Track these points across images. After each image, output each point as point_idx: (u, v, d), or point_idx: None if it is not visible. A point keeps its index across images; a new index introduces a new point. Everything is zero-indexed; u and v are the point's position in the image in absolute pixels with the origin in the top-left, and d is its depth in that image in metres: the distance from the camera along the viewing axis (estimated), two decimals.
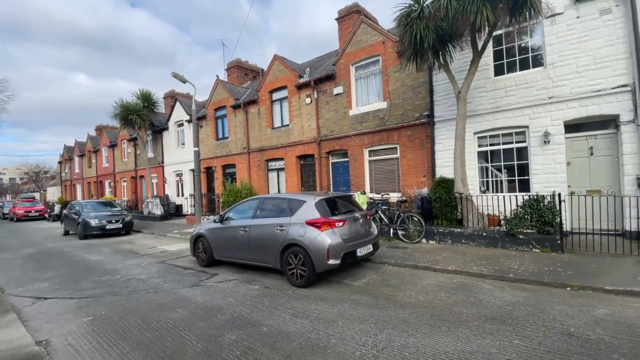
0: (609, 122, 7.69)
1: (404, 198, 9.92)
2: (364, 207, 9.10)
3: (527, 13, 6.50)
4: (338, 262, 5.50)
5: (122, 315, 4.66)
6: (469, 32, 7.35)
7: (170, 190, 20.75)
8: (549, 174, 8.11)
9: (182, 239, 11.56)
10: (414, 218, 8.34)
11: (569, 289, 4.93)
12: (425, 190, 9.32)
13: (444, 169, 9.53)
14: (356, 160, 11.78)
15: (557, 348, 3.25)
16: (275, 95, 14.83)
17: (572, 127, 8.05)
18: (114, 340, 3.89)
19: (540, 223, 6.75)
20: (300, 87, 13.53)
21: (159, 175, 21.62)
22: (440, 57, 8.04)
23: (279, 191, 14.75)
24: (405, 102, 10.58)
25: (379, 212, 9.01)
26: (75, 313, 4.87)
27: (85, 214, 13.35)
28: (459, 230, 7.79)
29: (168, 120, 20.72)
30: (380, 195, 9.84)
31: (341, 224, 5.76)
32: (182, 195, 20.00)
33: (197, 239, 7.57)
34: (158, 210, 18.27)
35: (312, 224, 5.62)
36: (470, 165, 9.20)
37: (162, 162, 21.34)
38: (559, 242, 6.55)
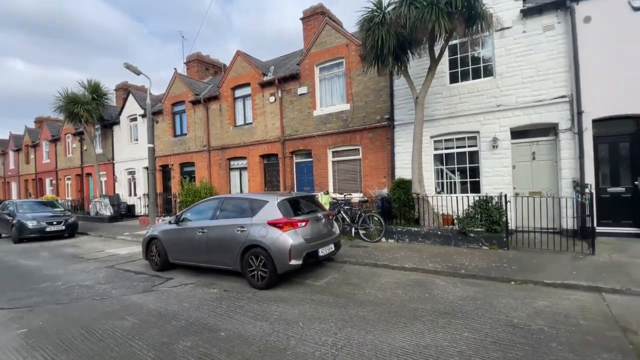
0: (550, 130, 8.45)
1: (366, 198, 10.16)
2: (327, 207, 9.18)
3: (480, 25, 6.94)
4: (300, 262, 5.48)
5: (63, 326, 4.25)
6: (427, 40, 7.70)
7: (122, 190, 19.40)
8: (497, 177, 8.73)
9: (134, 242, 10.86)
10: (375, 218, 8.56)
11: (513, 283, 5.33)
12: (385, 191, 9.61)
13: (403, 170, 9.89)
14: (320, 161, 11.84)
15: (502, 339, 3.50)
16: (238, 92, 14.46)
17: (517, 133, 8.74)
18: (52, 354, 3.54)
19: (488, 222, 7.25)
20: (264, 85, 13.32)
21: (109, 173, 20.12)
22: (401, 63, 8.33)
23: (241, 191, 14.40)
24: (368, 105, 10.84)
25: (342, 212, 9.13)
26: (6, 325, 4.36)
27: (21, 214, 12.05)
28: (416, 229, 8.12)
29: (120, 114, 19.36)
30: (342, 196, 9.99)
31: (304, 224, 5.75)
32: (135, 194, 18.78)
33: (150, 241, 7.15)
34: (107, 211, 16.99)
35: (274, 224, 5.54)
36: (426, 167, 9.64)
37: (113, 158, 19.89)
38: (505, 240, 7.08)
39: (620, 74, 7.32)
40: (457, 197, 8.54)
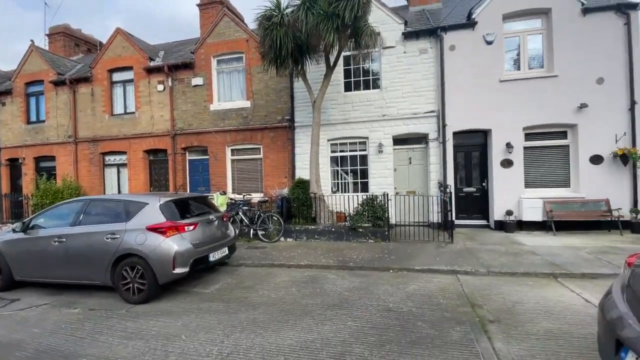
0: (422, 139, 9.87)
1: (266, 198, 10.03)
2: (224, 208, 8.70)
3: (365, 41, 7.59)
4: (186, 270, 5.00)
5: None
6: (323, 48, 8.05)
7: None
8: (381, 178, 9.75)
9: None
10: (274, 217, 8.51)
11: (391, 271, 5.98)
12: (286, 191, 9.67)
13: (303, 170, 10.13)
14: (217, 159, 11.16)
15: (379, 323, 3.86)
16: (117, 76, 12.48)
17: (398, 140, 9.93)
18: None
19: (374, 218, 8.01)
20: (151, 71, 11.83)
21: None
22: (299, 66, 8.51)
23: (119, 192, 12.45)
24: (269, 104, 10.74)
25: (240, 213, 8.79)
26: None
27: None
28: (313, 227, 8.40)
29: None
30: (241, 196, 9.62)
31: (192, 227, 5.27)
32: None
33: None
34: None
35: (155, 229, 4.91)
36: (323, 169, 10.11)
37: None
38: (387, 233, 7.93)
39: (474, 95, 9.05)
40: (349, 196, 9.18)
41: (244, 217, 8.70)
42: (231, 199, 9.34)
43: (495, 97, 8.94)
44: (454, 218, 7.92)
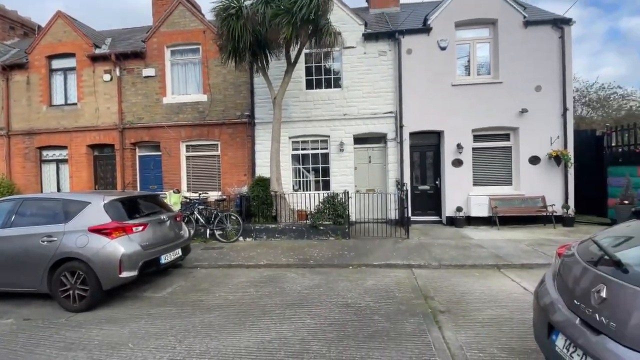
0: (381, 139, 10.15)
1: (224, 197, 9.69)
2: (177, 207, 8.27)
3: (326, 39, 7.62)
4: (135, 273, 4.67)
5: None
6: (284, 44, 7.95)
7: None
8: (342, 176, 9.88)
9: None
10: (232, 217, 8.26)
11: (351, 267, 6.08)
12: (245, 189, 9.43)
13: (264, 168, 9.94)
14: (171, 155, 10.57)
15: (338, 319, 3.90)
16: (57, 63, 11.34)
17: (358, 139, 10.12)
18: None
19: (335, 216, 8.10)
20: (96, 59, 10.89)
21: None
22: (259, 61, 8.32)
23: (58, 190, 11.34)
24: (227, 99, 10.38)
25: (195, 212, 8.40)
26: None
27: None
28: (273, 226, 8.29)
29: None
30: (197, 195, 9.19)
31: (141, 228, 4.93)
32: None
33: None
34: None
35: (98, 230, 4.52)
36: (285, 167, 10.00)
37: None
38: (347, 230, 8.06)
39: (429, 98, 9.48)
40: (310, 194, 9.17)
41: (199, 217, 8.34)
42: (186, 197, 8.89)
43: (447, 100, 9.44)
44: (410, 215, 8.25)
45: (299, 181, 10.42)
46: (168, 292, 5.13)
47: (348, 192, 8.20)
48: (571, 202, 9.08)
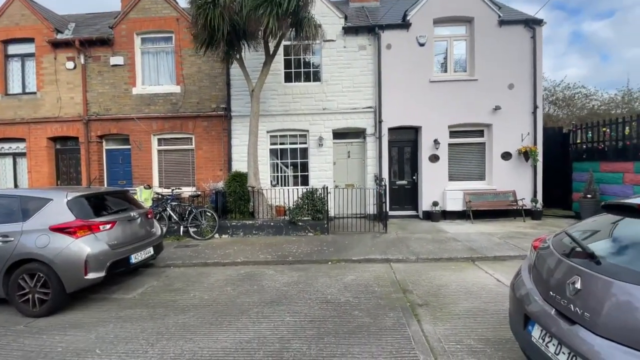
0: (360, 134, 10.15)
1: (199, 193, 9.35)
2: (149, 204, 7.89)
3: (306, 31, 7.47)
4: (102, 274, 4.40)
5: None
6: (262, 35, 7.72)
7: None
8: (321, 171, 9.82)
9: None
10: (207, 213, 7.99)
11: (330, 263, 6.05)
12: (221, 184, 9.15)
13: (240, 163, 9.70)
14: (141, 149, 10.08)
15: (318, 315, 3.84)
16: (14, 49, 10.48)
17: (337, 134, 10.07)
18: None
19: (314, 211, 8.03)
20: (58, 45, 10.14)
21: None
22: (236, 51, 8.04)
23: (16, 186, 10.54)
24: (202, 91, 10.00)
25: (168, 209, 8.06)
26: None
27: None
28: (250, 222, 8.10)
29: None
30: (170, 190, 8.80)
31: (108, 226, 4.65)
32: None
33: None
34: None
35: (61, 229, 4.21)
36: (263, 161, 9.81)
37: None
38: (326, 226, 8.02)
39: (408, 93, 9.56)
40: (288, 189, 9.04)
41: (172, 214, 8.01)
42: (158, 193, 8.50)
43: (425, 96, 9.57)
44: (388, 210, 8.33)
45: (277, 176, 10.26)
46: (139, 293, 4.89)
47: (327, 188, 8.15)
48: (539, 196, 9.50)
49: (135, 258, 4.99)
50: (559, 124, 13.97)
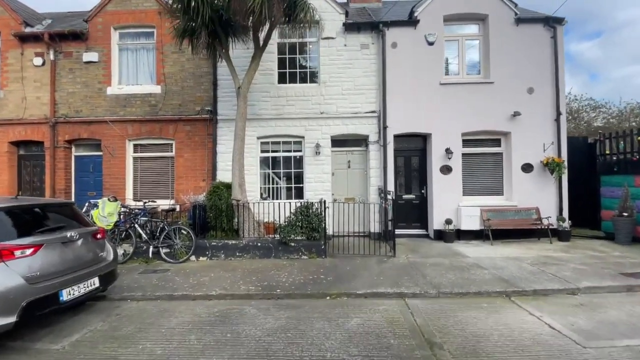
0: (362, 141, 9.04)
1: (174, 206, 8.11)
2: (113, 219, 6.63)
3: (300, 16, 6.43)
4: (12, 320, 3.17)
5: None
6: (251, 23, 6.67)
7: None
8: (318, 183, 8.64)
9: None
10: (182, 231, 6.74)
11: (329, 298, 4.80)
12: (202, 197, 7.91)
13: (227, 172, 8.48)
14: (114, 156, 8.86)
15: None
16: None
17: (337, 142, 8.96)
18: None
19: (308, 229, 6.80)
20: (25, 39, 9.06)
21: None
22: (221, 43, 6.98)
23: None
24: (185, 91, 8.89)
25: (136, 225, 6.80)
26: None
27: None
28: (233, 242, 6.84)
29: None
30: (142, 203, 7.54)
31: (29, 251, 3.43)
32: None
33: None
34: None
35: None
36: (252, 171, 8.66)
37: None
38: (323, 247, 6.78)
39: (415, 97, 8.52)
40: (280, 203, 7.75)
41: (141, 231, 6.74)
42: (125, 206, 7.22)
43: (435, 101, 8.53)
44: (394, 228, 7.11)
45: (269, 188, 9.07)
46: (72, 341, 3.61)
47: (325, 202, 6.97)
48: (565, 213, 8.37)
49: (70, 294, 3.75)
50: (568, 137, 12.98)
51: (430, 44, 8.59)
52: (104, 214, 6.56)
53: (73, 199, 9.13)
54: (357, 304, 4.57)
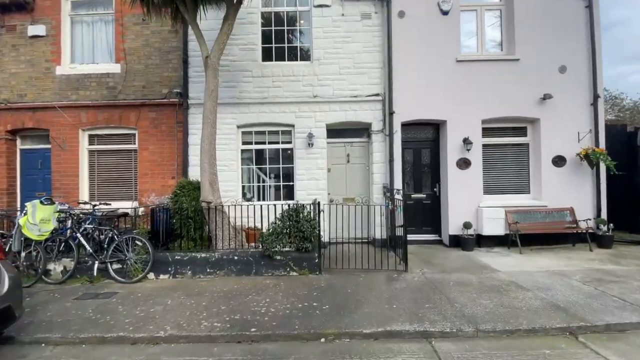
0: (363, 131, 7.65)
1: (127, 211, 6.51)
2: (49, 227, 5.16)
3: None
4: None
5: None
6: None
7: None
8: (311, 180, 7.23)
9: None
10: (137, 241, 5.28)
11: (323, 340, 3.41)
12: (167, 199, 6.47)
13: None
14: (65, 149, 7.37)
15: None
16: None
17: (333, 131, 7.56)
18: None
19: (299, 239, 5.38)
20: None
21: None
22: (186, 2, 5.51)
23: None
24: (150, 70, 7.41)
25: (79, 234, 5.33)
26: None
27: None
28: (203, 255, 5.40)
29: None
30: (90, 207, 6.03)
31: None
32: None
33: None
34: None
35: None
36: (232, 167, 7.25)
37: None
38: (317, 260, 5.39)
39: (428, 77, 7.15)
40: (264, 205, 6.27)
41: (84, 242, 5.27)
42: (64, 211, 5.71)
43: (451, 81, 7.17)
44: (406, 235, 5.71)
45: (253, 187, 7.64)
46: None
47: (319, 203, 5.56)
48: (604, 214, 7.05)
49: None
50: None
51: (445, 13, 7.21)
52: (34, 220, 5.09)
53: (19, 201, 7.66)
54: (364, 350, 3.19)
